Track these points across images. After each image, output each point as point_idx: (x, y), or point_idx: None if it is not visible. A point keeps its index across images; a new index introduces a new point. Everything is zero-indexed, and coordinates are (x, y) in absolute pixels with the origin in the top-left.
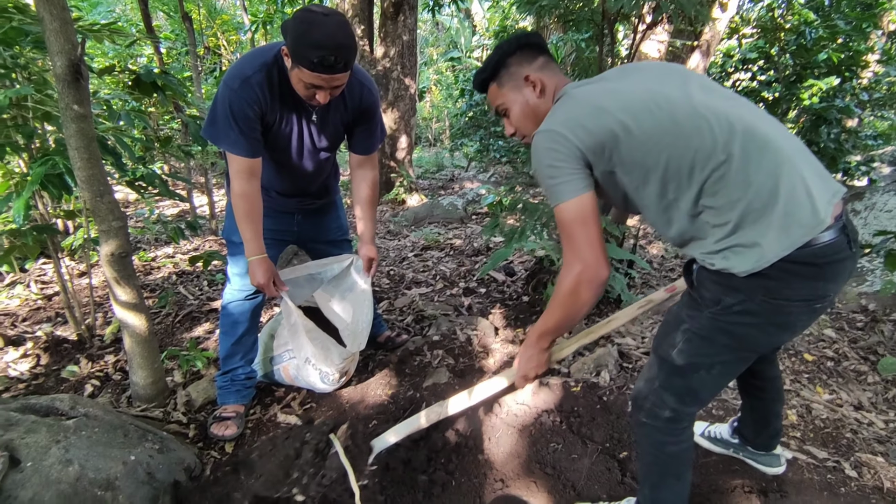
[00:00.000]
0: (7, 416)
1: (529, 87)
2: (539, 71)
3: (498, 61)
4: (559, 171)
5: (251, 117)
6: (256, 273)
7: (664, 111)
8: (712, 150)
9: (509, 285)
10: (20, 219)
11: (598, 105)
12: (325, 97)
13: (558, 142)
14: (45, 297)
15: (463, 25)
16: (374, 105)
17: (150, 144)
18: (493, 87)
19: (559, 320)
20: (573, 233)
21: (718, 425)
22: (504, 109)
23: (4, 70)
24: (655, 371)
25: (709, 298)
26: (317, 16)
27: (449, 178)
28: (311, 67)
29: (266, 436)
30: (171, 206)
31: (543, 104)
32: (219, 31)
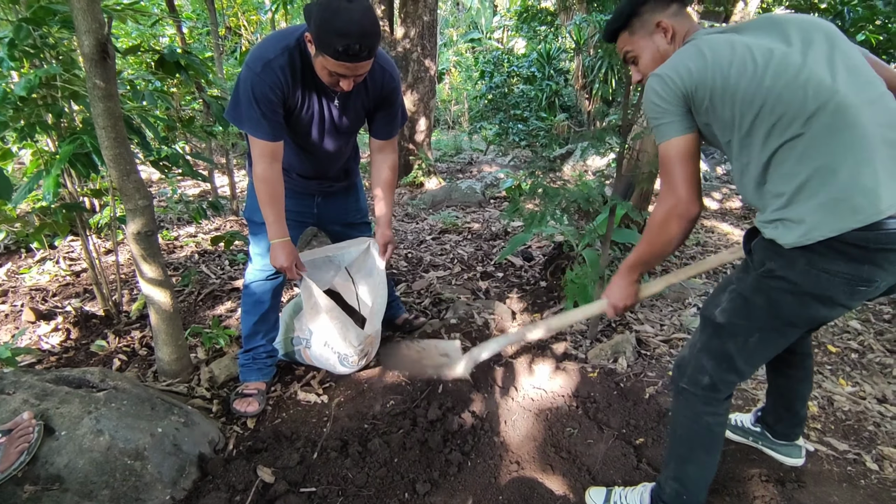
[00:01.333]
0: (42, 387)
1: (660, 33)
2: (672, 17)
3: (632, 9)
4: (664, 111)
5: (273, 100)
6: (279, 256)
7: (765, 73)
8: (792, 120)
9: (527, 270)
10: (50, 196)
11: (710, 54)
12: (348, 84)
13: (666, 84)
14: (73, 274)
15: (483, 6)
16: (395, 90)
17: (173, 124)
18: (623, 35)
19: (649, 252)
20: (671, 169)
21: (740, 414)
22: (633, 57)
23: (34, 50)
24: (698, 334)
25: (757, 261)
26: (341, 3)
27: (467, 161)
28: (335, 56)
29: (286, 412)
30: (193, 185)
31: (672, 50)
32: (239, 11)
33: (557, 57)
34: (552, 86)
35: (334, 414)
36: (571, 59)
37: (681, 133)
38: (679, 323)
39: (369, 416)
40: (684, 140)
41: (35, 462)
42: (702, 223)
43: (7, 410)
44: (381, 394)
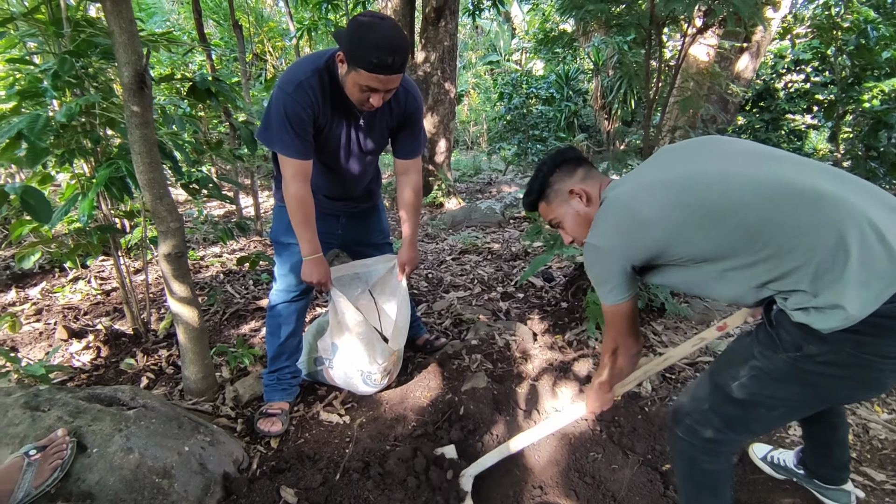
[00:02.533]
0: (76, 405)
1: (576, 199)
2: (581, 182)
3: (542, 182)
4: (606, 280)
5: (304, 120)
6: (313, 272)
7: (701, 197)
8: (760, 222)
9: (547, 291)
10: (85, 218)
11: (638, 218)
12: (378, 100)
13: (602, 258)
14: (104, 293)
15: (502, 29)
16: (418, 110)
17: (201, 148)
18: (542, 205)
19: (609, 378)
20: (614, 323)
21: (783, 451)
22: (557, 222)
23: (76, 80)
24: (706, 393)
25: (789, 342)
26: (372, 20)
27: (487, 181)
28: (369, 69)
29: (309, 433)
30: (218, 206)
31: (592, 210)
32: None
33: (576, 78)
34: (571, 106)
35: (356, 435)
36: (590, 80)
37: (620, 299)
38: (704, 346)
39: (391, 438)
40: (625, 305)
41: (68, 478)
42: None
43: (42, 427)
44: (403, 415)
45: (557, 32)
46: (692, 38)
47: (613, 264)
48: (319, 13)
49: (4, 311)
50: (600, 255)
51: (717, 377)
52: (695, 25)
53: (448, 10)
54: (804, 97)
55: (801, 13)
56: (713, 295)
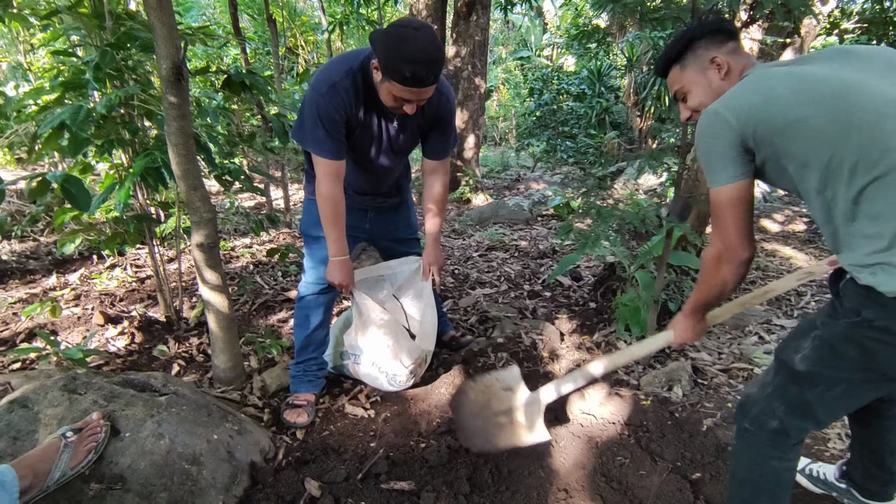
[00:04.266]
0: (111, 389)
1: (714, 69)
2: (727, 54)
3: (686, 44)
4: (717, 154)
5: (337, 121)
6: (337, 273)
7: (842, 104)
8: (882, 152)
9: (575, 290)
10: (121, 207)
11: (771, 91)
12: (412, 108)
13: (720, 125)
14: (138, 280)
15: (534, 24)
16: (450, 113)
17: (234, 140)
18: (675, 69)
19: (707, 296)
20: (722, 215)
21: (823, 464)
22: (683, 94)
23: (117, 72)
24: (772, 376)
25: (848, 308)
26: (409, 30)
27: (515, 177)
28: (402, 81)
29: (334, 425)
30: (249, 198)
31: (728, 86)
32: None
33: (608, 74)
34: (602, 103)
35: (381, 430)
36: (623, 77)
37: (734, 179)
38: (739, 352)
39: (415, 434)
40: (737, 187)
41: (101, 461)
42: (762, 247)
43: (79, 410)
44: (427, 411)
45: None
46: None
47: (734, 134)
48: (351, 7)
49: (46, 295)
50: (720, 122)
51: (781, 354)
52: (739, 19)
53: (480, 4)
54: None
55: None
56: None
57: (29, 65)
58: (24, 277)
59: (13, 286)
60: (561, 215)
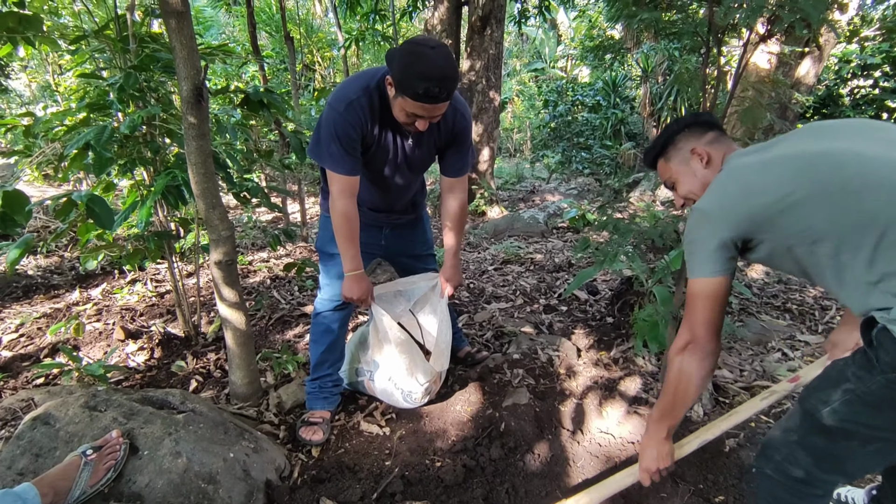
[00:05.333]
0: (130, 406)
1: (696, 159)
2: (707, 144)
3: (667, 139)
4: (698, 248)
5: (353, 138)
6: (353, 288)
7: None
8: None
9: (592, 304)
10: (142, 225)
11: (750, 185)
12: (424, 125)
13: (705, 224)
14: (158, 295)
15: (548, 36)
16: (466, 130)
17: (252, 157)
18: (661, 162)
19: (672, 400)
20: (694, 307)
21: (852, 489)
22: (672, 182)
23: (140, 93)
24: (796, 423)
25: (887, 362)
26: (424, 48)
27: (530, 189)
28: (415, 98)
29: (349, 443)
30: (266, 212)
31: (711, 174)
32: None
33: (623, 85)
34: (617, 114)
35: (396, 448)
36: (638, 87)
37: (712, 274)
38: (762, 369)
39: (430, 452)
40: (713, 282)
41: (120, 479)
42: None
43: (99, 427)
44: (443, 429)
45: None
46: (753, 47)
47: (715, 231)
48: (367, 24)
49: (69, 310)
50: (703, 219)
51: (806, 403)
52: (757, 33)
53: (494, 18)
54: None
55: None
56: (823, 282)
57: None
58: (48, 292)
59: (38, 301)
60: (577, 227)
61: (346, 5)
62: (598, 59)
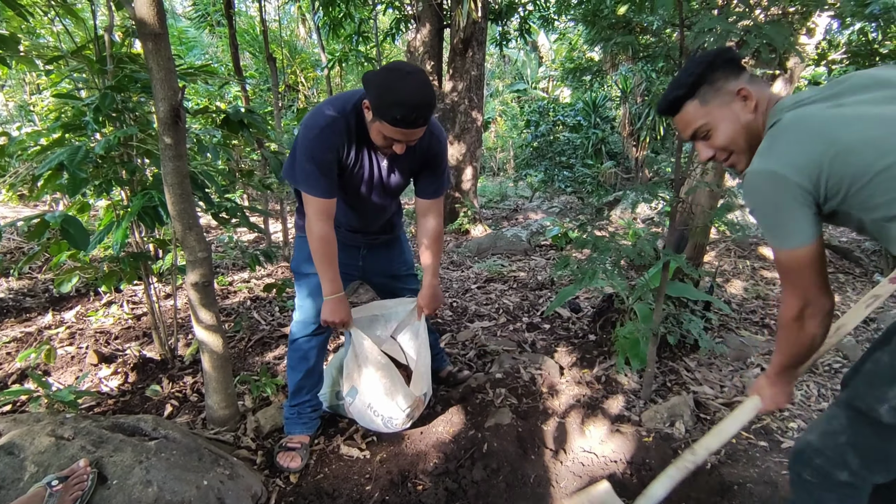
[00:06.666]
0: (99, 434)
1: (741, 102)
2: (749, 83)
3: (700, 75)
4: (785, 217)
5: (329, 160)
6: (334, 311)
7: None
8: None
9: (575, 322)
10: (118, 247)
11: (836, 140)
12: (401, 149)
13: (782, 186)
14: (134, 317)
15: (529, 58)
16: (441, 154)
17: (233, 177)
18: (691, 105)
19: (795, 355)
20: (796, 277)
21: None
22: (706, 131)
23: (116, 113)
24: (843, 424)
25: None
26: (401, 74)
27: (513, 208)
28: (392, 123)
29: (328, 468)
30: (248, 231)
31: (756, 120)
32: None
33: (603, 105)
34: (598, 133)
35: (376, 472)
36: (618, 107)
37: (803, 242)
38: (741, 384)
39: (412, 476)
40: (814, 248)
41: None
42: (762, 275)
43: (66, 456)
44: (424, 451)
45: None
46: None
47: (798, 196)
48: (350, 45)
49: (41, 334)
50: (779, 184)
51: (857, 402)
52: None
53: (475, 40)
54: None
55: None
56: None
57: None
58: (19, 315)
59: (8, 325)
60: (559, 245)
61: (330, 27)
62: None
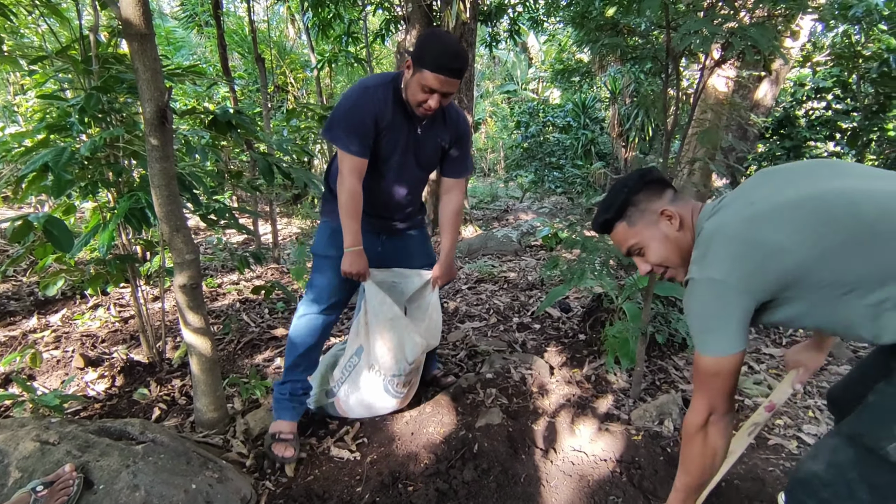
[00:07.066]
0: (85, 438)
1: (666, 221)
2: (671, 204)
3: (625, 200)
4: (719, 324)
5: (367, 121)
6: (353, 262)
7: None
8: None
9: (565, 322)
10: (104, 249)
11: (771, 243)
12: (436, 102)
13: (725, 295)
14: (122, 320)
15: (519, 59)
16: (468, 133)
17: (222, 178)
18: (621, 227)
19: (699, 474)
20: (711, 384)
21: None
22: (639, 248)
23: (102, 114)
24: (851, 459)
25: None
26: (441, 32)
27: (503, 208)
28: (432, 69)
29: (318, 469)
30: (237, 233)
31: (684, 236)
32: (287, 70)
33: (593, 106)
34: (588, 134)
35: (367, 473)
36: (607, 108)
37: (729, 351)
38: None
39: (402, 477)
40: (737, 358)
41: None
42: None
43: (51, 461)
44: (415, 452)
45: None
46: (710, 71)
47: (736, 302)
48: (340, 45)
49: (25, 337)
50: (718, 291)
51: (866, 438)
52: (712, 58)
53: (465, 41)
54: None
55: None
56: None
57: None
58: (3, 319)
59: None
60: (549, 245)
61: (319, 27)
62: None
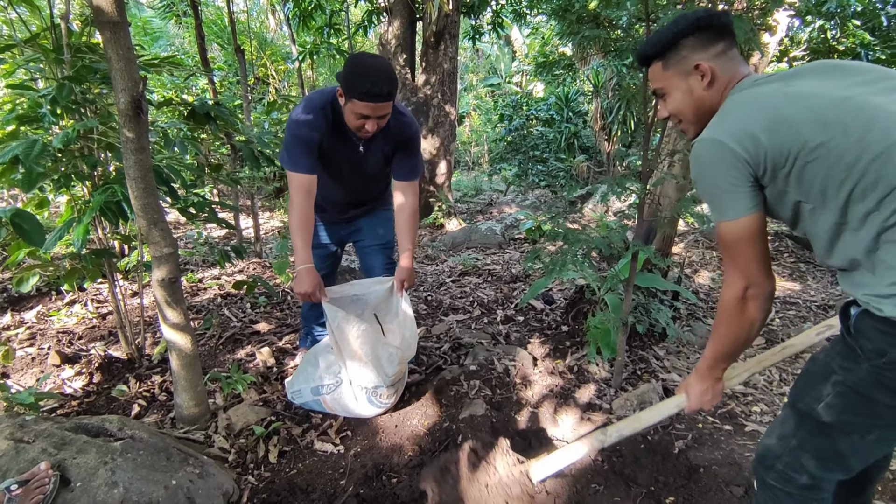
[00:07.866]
0: (62, 436)
1: (697, 76)
2: (714, 59)
3: (670, 40)
4: (725, 186)
5: (312, 140)
6: (304, 282)
7: (860, 125)
8: None
9: (548, 314)
10: (79, 244)
11: (778, 114)
12: (373, 126)
13: (724, 155)
14: (99, 316)
15: (503, 52)
16: (413, 137)
17: (201, 172)
18: (656, 65)
19: (730, 343)
20: (736, 252)
21: None
22: (663, 93)
23: (75, 105)
24: (792, 427)
25: (871, 350)
26: (364, 58)
27: (487, 202)
28: (361, 97)
29: (302, 463)
30: (218, 227)
31: (710, 97)
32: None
33: (575, 100)
34: (571, 128)
35: (350, 466)
36: (590, 102)
37: (744, 213)
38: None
39: (386, 469)
40: (753, 220)
41: None
42: None
43: (26, 460)
44: (399, 444)
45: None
46: None
47: (736, 164)
48: (321, 37)
49: None
50: (720, 152)
51: (799, 404)
52: None
53: (448, 34)
54: None
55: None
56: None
57: None
58: None
59: None
60: (533, 238)
61: (300, 18)
62: (550, 74)
